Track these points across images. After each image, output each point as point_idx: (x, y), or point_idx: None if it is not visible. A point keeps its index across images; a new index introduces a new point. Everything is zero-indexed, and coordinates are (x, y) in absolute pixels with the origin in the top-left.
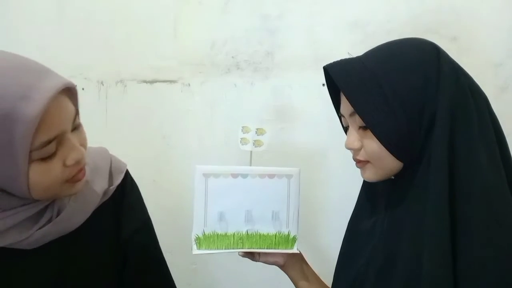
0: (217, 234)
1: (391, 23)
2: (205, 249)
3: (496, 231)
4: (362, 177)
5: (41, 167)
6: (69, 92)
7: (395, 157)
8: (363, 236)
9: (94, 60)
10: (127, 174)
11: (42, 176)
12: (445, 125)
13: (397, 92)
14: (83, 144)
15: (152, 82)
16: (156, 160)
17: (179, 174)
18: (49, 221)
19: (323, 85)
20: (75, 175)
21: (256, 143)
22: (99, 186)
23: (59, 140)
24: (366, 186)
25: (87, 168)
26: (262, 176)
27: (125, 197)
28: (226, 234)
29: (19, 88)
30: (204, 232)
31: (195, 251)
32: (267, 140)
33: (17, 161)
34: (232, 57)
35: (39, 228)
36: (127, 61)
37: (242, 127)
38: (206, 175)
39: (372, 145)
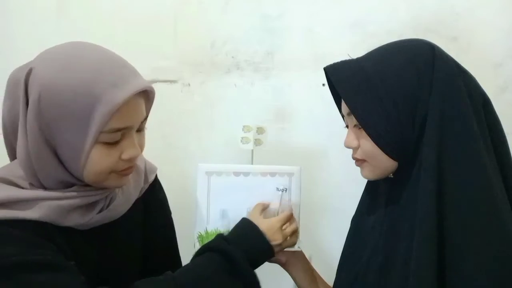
0: (220, 232)
1: (391, 23)
2: None
3: (485, 232)
4: (361, 175)
5: (102, 150)
6: (147, 96)
7: (388, 156)
8: (364, 234)
9: None
10: (156, 176)
11: (99, 159)
12: (435, 125)
13: (391, 93)
14: (141, 146)
15: (152, 82)
16: (156, 160)
17: (179, 174)
18: (102, 209)
19: (323, 85)
20: (125, 169)
21: (257, 142)
22: (138, 183)
23: (124, 133)
24: (369, 185)
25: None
26: (263, 174)
27: (154, 195)
28: (228, 231)
29: (114, 77)
30: (206, 229)
31: None
32: (267, 139)
33: (87, 137)
34: (232, 57)
35: (97, 213)
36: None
37: (243, 126)
38: (209, 173)
39: (367, 144)
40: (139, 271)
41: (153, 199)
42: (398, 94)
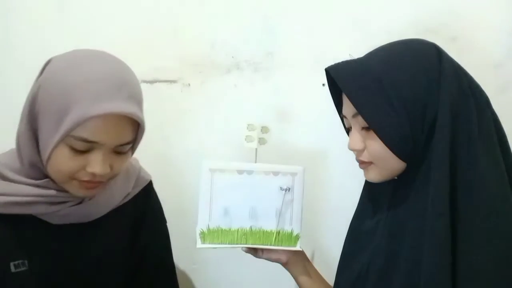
0: (221, 229)
1: (391, 23)
2: (209, 243)
3: (497, 233)
4: (366, 178)
5: (66, 153)
6: (136, 125)
7: (398, 157)
8: (365, 236)
9: None
10: (151, 185)
11: (61, 159)
12: (446, 125)
13: (399, 93)
14: (114, 168)
15: (152, 82)
16: (157, 161)
17: (179, 175)
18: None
19: (323, 85)
20: (86, 181)
21: (261, 141)
22: (124, 188)
23: (94, 146)
24: (368, 186)
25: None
26: (267, 173)
27: (148, 205)
28: (230, 229)
29: (101, 90)
30: (208, 226)
31: (199, 245)
32: (271, 138)
33: (55, 134)
34: (232, 57)
35: (69, 207)
36: (127, 61)
37: (248, 124)
38: (212, 170)
39: (375, 145)
40: (124, 274)
41: (148, 208)
42: (407, 94)
